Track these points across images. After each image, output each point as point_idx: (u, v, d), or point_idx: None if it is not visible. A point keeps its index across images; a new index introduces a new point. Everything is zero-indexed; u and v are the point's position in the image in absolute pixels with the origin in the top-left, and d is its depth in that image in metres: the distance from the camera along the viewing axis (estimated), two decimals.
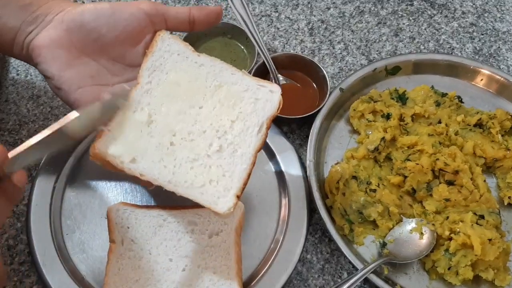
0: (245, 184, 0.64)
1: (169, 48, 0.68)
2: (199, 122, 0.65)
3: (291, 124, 0.94)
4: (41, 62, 0.65)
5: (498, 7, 1.16)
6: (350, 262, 0.78)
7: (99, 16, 0.65)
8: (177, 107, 0.66)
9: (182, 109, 0.66)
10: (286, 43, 1.06)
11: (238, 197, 0.62)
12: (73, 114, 0.56)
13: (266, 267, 0.78)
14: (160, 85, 0.67)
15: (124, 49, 0.68)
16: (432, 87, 0.97)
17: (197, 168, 0.63)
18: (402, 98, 0.95)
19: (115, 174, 0.64)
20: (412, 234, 0.80)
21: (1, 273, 0.54)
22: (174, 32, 0.71)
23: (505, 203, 0.86)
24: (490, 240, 0.76)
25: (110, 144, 0.63)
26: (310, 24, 1.09)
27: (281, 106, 0.67)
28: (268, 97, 0.66)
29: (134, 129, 0.64)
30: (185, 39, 0.95)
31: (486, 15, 1.14)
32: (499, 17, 1.14)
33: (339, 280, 0.80)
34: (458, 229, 0.78)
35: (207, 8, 0.71)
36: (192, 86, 0.67)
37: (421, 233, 0.80)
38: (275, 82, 0.95)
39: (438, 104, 0.94)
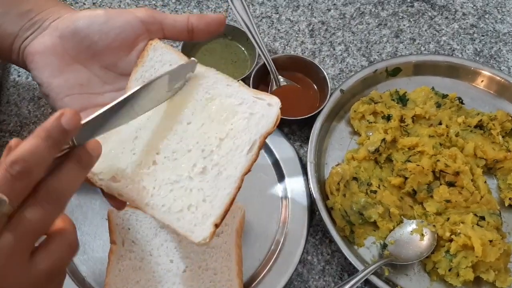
0: (226, 211, 0.57)
1: (161, 58, 0.64)
2: (185, 140, 0.60)
3: (291, 126, 0.95)
4: (33, 69, 0.64)
5: (498, 8, 1.16)
6: (350, 263, 0.77)
7: (92, 23, 0.63)
8: (164, 123, 0.61)
9: (168, 125, 0.60)
10: (287, 45, 1.06)
11: (216, 225, 0.56)
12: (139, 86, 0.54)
13: (267, 269, 0.78)
14: None
15: (117, 57, 0.65)
16: (433, 88, 0.97)
17: (176, 191, 0.58)
18: (402, 100, 0.95)
19: None
20: (413, 236, 0.80)
21: (73, 239, 0.51)
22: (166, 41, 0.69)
23: (506, 205, 0.86)
24: (491, 241, 0.76)
25: None
26: (311, 26, 1.10)
27: (278, 121, 0.60)
28: (264, 111, 0.60)
29: (117, 145, 0.60)
30: (185, 41, 0.95)
31: (486, 16, 1.14)
32: (500, 19, 1.14)
33: (340, 282, 0.80)
34: (458, 231, 0.78)
35: (208, 17, 0.66)
36: (182, 99, 0.62)
37: (422, 235, 0.80)
38: (276, 83, 0.95)
39: (438, 106, 0.94)
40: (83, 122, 0.47)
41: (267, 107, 0.60)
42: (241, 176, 0.58)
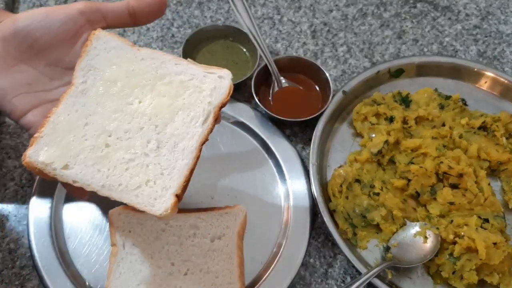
0: (187, 181, 0.59)
1: (106, 45, 0.65)
2: (136, 119, 0.61)
3: (293, 127, 0.94)
4: None
5: (502, 9, 1.15)
6: (353, 266, 0.77)
7: (32, 21, 0.63)
8: (113, 105, 0.62)
9: (118, 107, 0.62)
10: (289, 46, 1.06)
11: (177, 196, 0.58)
12: None
13: (269, 272, 0.78)
14: (95, 84, 0.63)
15: (61, 51, 0.66)
16: (436, 89, 0.96)
17: (132, 169, 0.59)
18: (405, 101, 0.95)
19: None
20: (416, 238, 0.79)
21: None
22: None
23: (510, 207, 0.86)
24: (495, 244, 0.76)
25: (41, 151, 0.59)
26: (313, 27, 1.09)
27: (231, 93, 0.62)
28: (216, 83, 0.62)
29: (67, 133, 0.61)
30: (187, 42, 0.95)
31: (490, 17, 1.14)
32: (503, 19, 1.13)
33: (343, 285, 0.80)
34: (462, 233, 0.77)
35: None
36: (130, 81, 0.63)
37: (425, 237, 0.79)
38: (278, 85, 0.94)
39: (442, 107, 0.93)
40: None
41: (218, 80, 0.62)
42: (198, 146, 0.60)
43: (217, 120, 0.62)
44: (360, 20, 1.11)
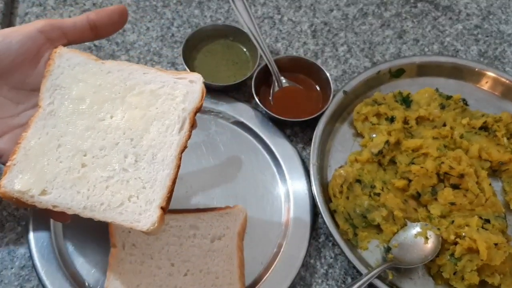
0: (170, 191, 0.57)
1: (69, 62, 0.63)
2: (110, 135, 0.59)
3: (294, 127, 0.94)
4: None
5: (503, 9, 1.15)
6: (354, 267, 0.77)
7: None
8: (84, 123, 0.60)
9: (90, 125, 0.60)
10: (289, 46, 1.06)
11: (163, 208, 0.56)
12: None
13: (269, 272, 0.77)
14: (63, 103, 0.61)
15: (24, 73, 0.64)
16: (437, 89, 0.96)
17: (113, 187, 0.57)
18: (406, 101, 0.94)
19: None
20: (417, 239, 0.79)
21: None
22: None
23: (511, 207, 0.85)
24: (496, 244, 0.75)
25: (16, 179, 0.57)
26: (313, 26, 1.09)
27: (204, 96, 0.61)
28: (188, 88, 0.60)
29: (40, 157, 0.58)
30: (187, 42, 0.95)
31: (491, 17, 1.13)
32: (504, 19, 1.13)
33: (343, 285, 0.79)
34: (463, 234, 0.77)
35: (107, 9, 0.65)
36: (99, 96, 0.61)
37: (426, 238, 0.79)
38: (278, 84, 0.94)
39: (442, 107, 0.93)
40: None
41: (190, 84, 0.61)
42: (178, 155, 0.58)
43: (193, 125, 0.61)
44: (361, 19, 1.11)
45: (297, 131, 0.94)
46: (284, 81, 0.95)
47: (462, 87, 0.99)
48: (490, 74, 0.98)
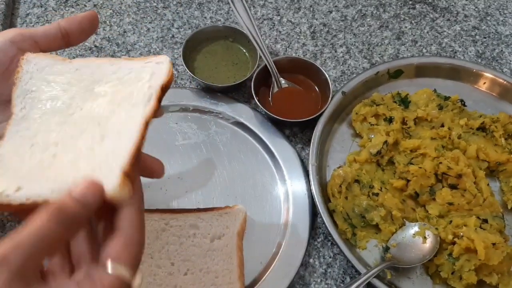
0: (134, 158, 0.57)
1: (37, 66, 0.63)
2: (80, 124, 0.60)
3: (293, 128, 0.94)
4: None
5: (500, 10, 1.15)
6: (353, 266, 0.77)
7: None
8: (56, 120, 0.60)
9: (61, 120, 0.60)
10: (288, 47, 1.06)
11: (126, 174, 0.55)
12: None
13: (268, 271, 0.78)
14: (35, 106, 0.61)
15: None
16: (435, 90, 0.97)
17: (79, 165, 0.57)
18: (404, 102, 0.95)
19: None
20: (415, 238, 0.80)
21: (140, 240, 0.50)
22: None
23: (509, 207, 0.86)
24: (494, 244, 0.76)
25: None
26: (312, 28, 1.09)
27: (171, 74, 0.61)
28: (155, 69, 0.60)
29: (14, 159, 0.58)
30: (187, 43, 0.95)
31: (488, 18, 1.14)
32: (502, 21, 1.14)
33: (342, 285, 0.80)
34: (461, 233, 0.77)
35: (78, 16, 0.64)
36: (69, 93, 0.62)
37: (424, 237, 0.79)
38: (278, 85, 0.95)
39: (440, 108, 0.94)
40: None
41: (156, 66, 0.61)
42: (142, 124, 0.57)
43: (160, 102, 0.60)
44: (359, 21, 1.12)
45: (296, 132, 0.94)
46: (283, 82, 0.96)
47: (460, 88, 0.99)
48: (488, 75, 0.99)
